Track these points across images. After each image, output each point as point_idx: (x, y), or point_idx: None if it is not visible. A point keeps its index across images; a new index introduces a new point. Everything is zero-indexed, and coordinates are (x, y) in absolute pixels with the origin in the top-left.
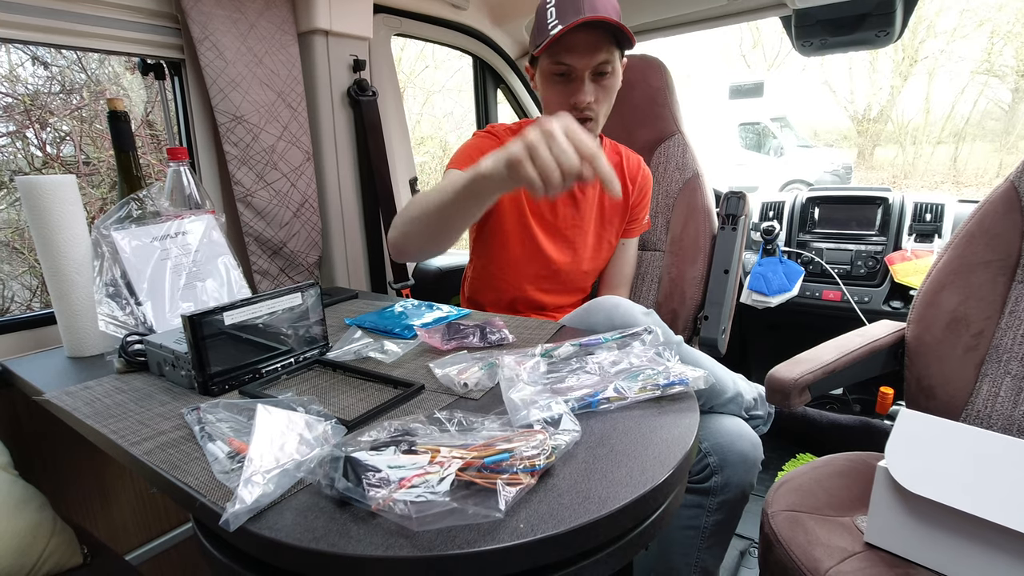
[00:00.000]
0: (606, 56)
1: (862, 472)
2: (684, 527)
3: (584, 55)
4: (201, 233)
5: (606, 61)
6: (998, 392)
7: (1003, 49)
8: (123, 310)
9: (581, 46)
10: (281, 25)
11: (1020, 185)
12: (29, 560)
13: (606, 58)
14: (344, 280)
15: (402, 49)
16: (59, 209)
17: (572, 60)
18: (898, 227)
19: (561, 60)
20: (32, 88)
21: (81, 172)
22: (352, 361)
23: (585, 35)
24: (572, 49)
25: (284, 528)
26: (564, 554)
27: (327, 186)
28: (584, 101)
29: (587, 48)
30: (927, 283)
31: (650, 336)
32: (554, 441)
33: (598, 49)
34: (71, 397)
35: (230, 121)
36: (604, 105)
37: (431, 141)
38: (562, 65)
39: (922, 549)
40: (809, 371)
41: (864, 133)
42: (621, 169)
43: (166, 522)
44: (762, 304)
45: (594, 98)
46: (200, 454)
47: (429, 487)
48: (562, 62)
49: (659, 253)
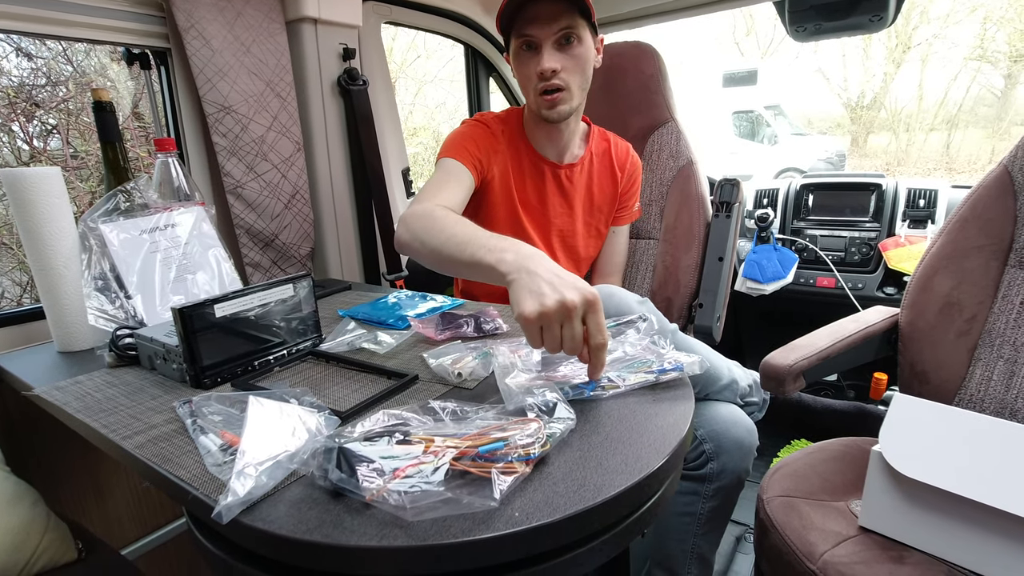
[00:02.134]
0: (568, 22)
1: (856, 457)
2: (680, 514)
3: (544, 24)
4: (191, 225)
5: (568, 27)
6: (991, 376)
7: (995, 35)
8: (113, 304)
9: (542, 16)
10: (268, 13)
11: (1013, 169)
12: (23, 557)
13: (568, 24)
14: (337, 272)
15: (393, 39)
16: (45, 202)
17: (533, 30)
18: (892, 213)
19: (523, 32)
20: (16, 80)
21: (69, 165)
22: (346, 352)
23: (546, 5)
24: (533, 20)
25: (278, 520)
26: (560, 542)
27: (318, 177)
28: (548, 67)
29: (547, 17)
30: (920, 269)
31: (644, 324)
32: (549, 429)
33: (558, 17)
34: (61, 392)
35: (218, 111)
36: (576, 76)
37: (424, 132)
38: (525, 36)
39: (916, 532)
40: (804, 357)
41: (857, 120)
42: (609, 156)
43: (161, 516)
44: (756, 291)
45: (560, 66)
46: (192, 447)
47: (423, 477)
48: (524, 33)
49: (653, 241)
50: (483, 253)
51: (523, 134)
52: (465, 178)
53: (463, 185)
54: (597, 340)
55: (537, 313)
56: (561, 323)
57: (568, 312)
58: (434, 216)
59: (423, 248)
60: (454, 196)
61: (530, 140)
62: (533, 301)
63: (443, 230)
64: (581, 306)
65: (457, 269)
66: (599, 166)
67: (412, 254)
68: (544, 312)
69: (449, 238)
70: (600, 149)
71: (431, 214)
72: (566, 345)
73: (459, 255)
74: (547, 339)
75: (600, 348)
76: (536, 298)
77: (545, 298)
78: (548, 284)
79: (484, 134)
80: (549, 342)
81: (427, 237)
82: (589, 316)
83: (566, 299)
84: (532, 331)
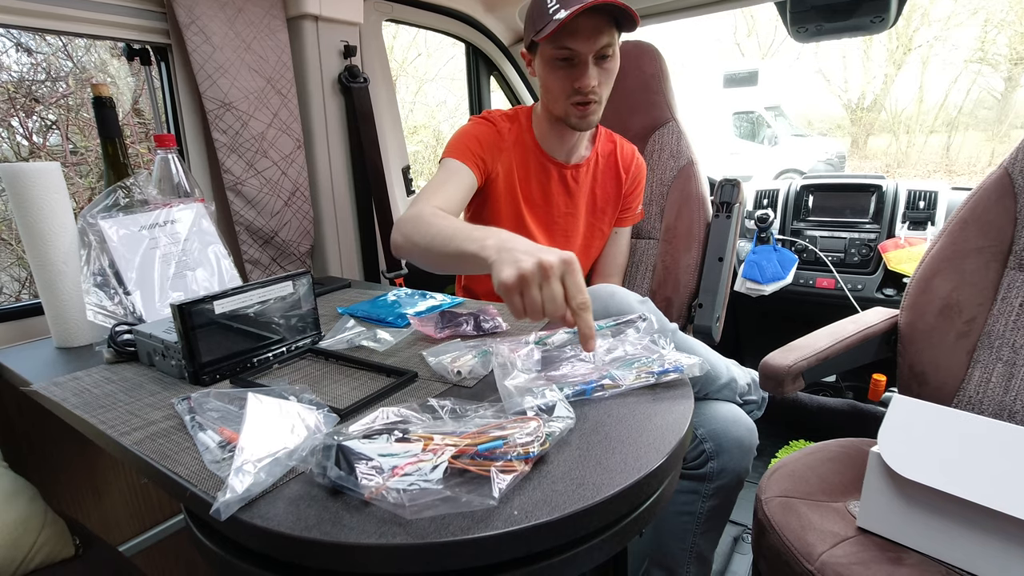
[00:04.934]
0: (608, 39)
1: (854, 458)
2: (679, 513)
3: (588, 39)
4: (190, 222)
5: (608, 44)
6: (989, 378)
7: (996, 38)
8: (112, 300)
9: (585, 30)
10: (269, 10)
11: (1013, 171)
12: (20, 552)
13: (608, 41)
14: (337, 269)
15: (394, 37)
16: (44, 197)
17: (576, 44)
18: (892, 215)
19: (564, 45)
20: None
21: (68, 161)
22: (345, 350)
23: (588, 19)
24: (576, 33)
25: (276, 517)
26: (559, 541)
27: (319, 174)
28: (589, 85)
29: (591, 32)
30: (920, 270)
31: (644, 324)
32: (548, 428)
33: (601, 32)
34: (60, 388)
35: (219, 108)
36: (606, 88)
37: (424, 130)
38: (565, 50)
39: (914, 533)
40: (803, 358)
41: (858, 122)
42: (615, 158)
43: (159, 513)
44: (756, 292)
45: (597, 82)
46: (191, 444)
47: (422, 475)
48: (566, 46)
49: (653, 241)
50: (467, 244)
51: (531, 133)
52: (466, 178)
53: (463, 185)
54: (578, 299)
55: (515, 277)
56: (540, 285)
57: (545, 271)
58: (422, 218)
59: (415, 248)
60: (452, 197)
61: (539, 139)
62: (510, 267)
63: (430, 229)
64: (558, 266)
65: (448, 264)
66: (604, 167)
67: (407, 256)
68: (522, 274)
69: (436, 235)
70: (606, 150)
71: (420, 216)
72: (547, 307)
73: (446, 249)
74: (528, 305)
75: (583, 307)
76: (513, 265)
77: (522, 263)
78: (525, 252)
79: (489, 132)
80: (530, 306)
81: (417, 238)
82: (567, 278)
83: (542, 260)
84: (512, 298)
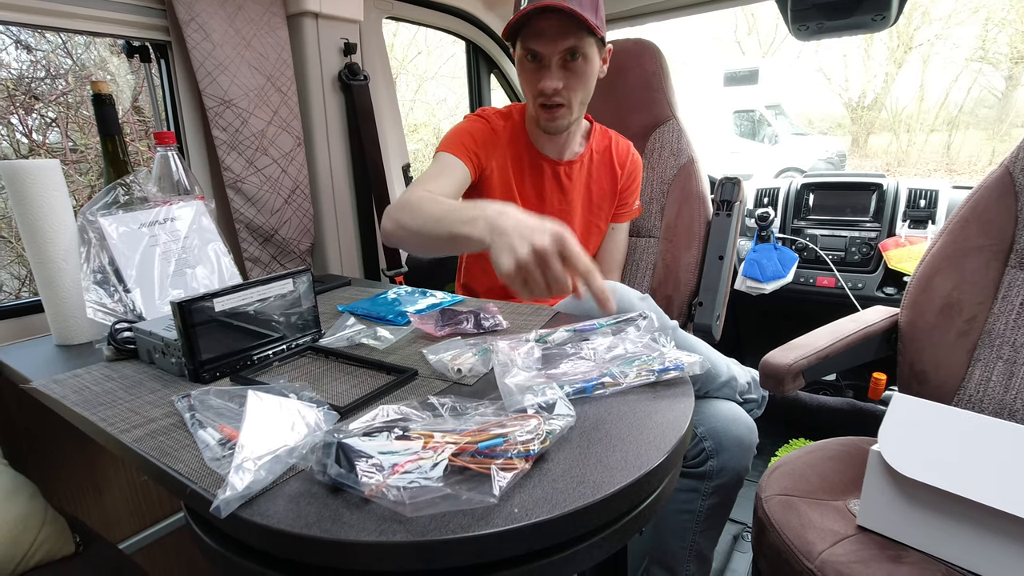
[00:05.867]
0: (574, 42)
1: (855, 456)
2: (679, 511)
3: (551, 41)
4: (190, 219)
5: (574, 47)
6: (990, 376)
7: (997, 36)
8: (111, 297)
9: (548, 32)
10: (269, 7)
11: (1014, 170)
12: (20, 550)
13: (574, 44)
14: (337, 267)
15: (394, 34)
16: (43, 195)
17: (539, 46)
18: (892, 213)
19: (528, 45)
20: (15, 73)
21: (68, 159)
22: (345, 348)
23: (552, 20)
24: (540, 35)
25: (276, 514)
26: (559, 538)
27: (319, 172)
28: (549, 87)
29: (554, 34)
30: (920, 269)
31: (645, 321)
32: (548, 426)
33: (565, 35)
34: (59, 385)
35: (218, 105)
36: (578, 92)
37: (424, 128)
38: (529, 50)
39: (914, 532)
40: (803, 356)
41: (858, 121)
42: (610, 153)
43: (159, 510)
44: (756, 290)
45: (563, 84)
46: (191, 441)
47: (422, 473)
48: (529, 47)
49: (653, 239)
50: (458, 226)
51: (524, 130)
52: (459, 171)
53: (455, 178)
54: (582, 266)
55: (515, 267)
56: (541, 268)
57: (543, 257)
58: (411, 201)
59: (406, 233)
60: (444, 188)
61: (531, 137)
62: (508, 257)
63: (421, 212)
64: (553, 245)
65: (440, 246)
66: (599, 163)
67: (398, 242)
68: (520, 264)
69: (427, 219)
70: (601, 146)
71: (409, 200)
72: (553, 287)
73: (438, 232)
74: (533, 288)
75: (590, 273)
76: (510, 254)
77: (517, 251)
78: (518, 237)
79: (483, 129)
80: (536, 289)
81: (408, 221)
82: (565, 251)
83: (536, 245)
84: (517, 285)
